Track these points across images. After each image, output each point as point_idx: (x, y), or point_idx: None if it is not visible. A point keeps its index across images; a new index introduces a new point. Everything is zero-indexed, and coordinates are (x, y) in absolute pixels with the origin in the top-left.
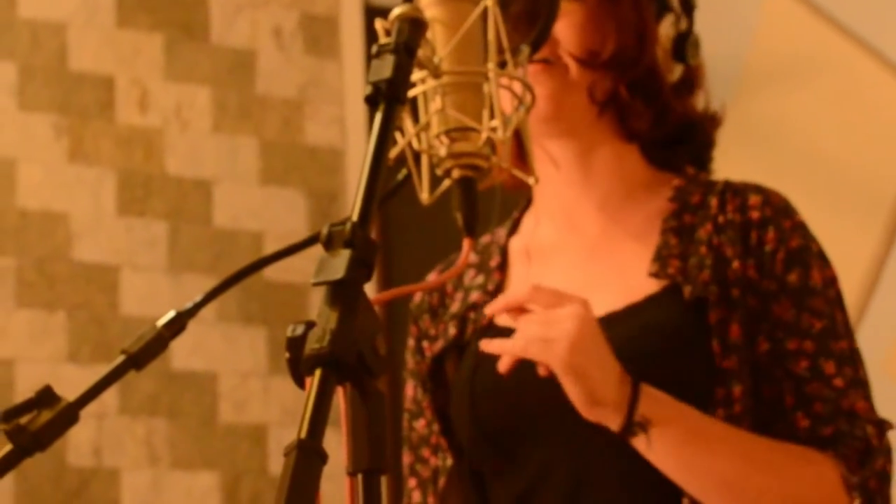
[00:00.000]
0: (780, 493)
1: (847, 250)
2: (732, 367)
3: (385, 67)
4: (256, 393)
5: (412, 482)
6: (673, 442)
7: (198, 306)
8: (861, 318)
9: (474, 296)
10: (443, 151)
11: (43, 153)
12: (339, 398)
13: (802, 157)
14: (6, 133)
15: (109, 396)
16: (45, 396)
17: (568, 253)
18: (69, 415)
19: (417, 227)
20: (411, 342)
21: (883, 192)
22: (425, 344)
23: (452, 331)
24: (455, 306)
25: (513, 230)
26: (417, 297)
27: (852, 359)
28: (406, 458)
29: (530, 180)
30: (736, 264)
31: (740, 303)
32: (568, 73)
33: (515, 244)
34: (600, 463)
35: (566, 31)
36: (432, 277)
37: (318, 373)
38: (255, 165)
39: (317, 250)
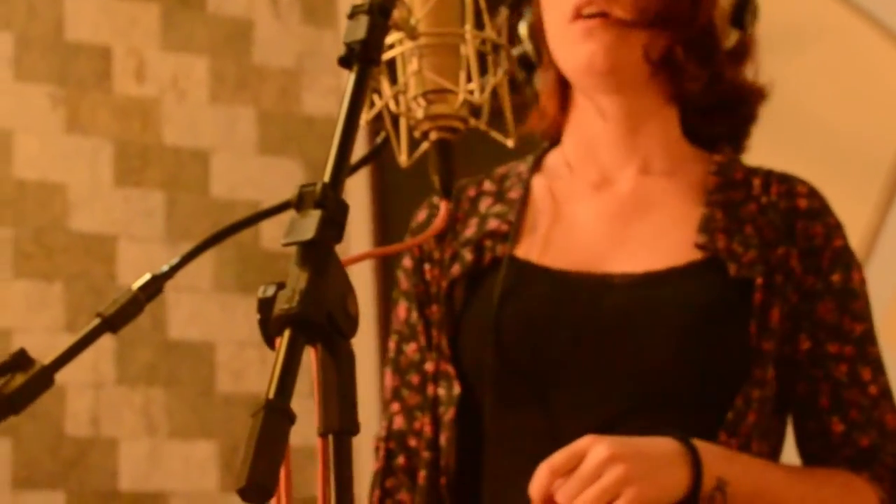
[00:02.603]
0: None
1: (844, 216)
2: (769, 350)
3: (359, 29)
4: (254, 362)
5: (395, 406)
6: (747, 495)
7: (174, 269)
8: None
9: (492, 223)
10: (420, 113)
11: (40, 124)
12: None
13: (800, 125)
14: (2, 104)
15: (107, 366)
16: (20, 360)
17: (602, 202)
18: (43, 378)
19: (413, 186)
20: (409, 262)
21: (879, 160)
22: (427, 266)
23: (469, 256)
24: (470, 231)
25: (536, 167)
26: (422, 217)
27: (882, 365)
28: (390, 381)
29: (508, 142)
30: (781, 250)
31: (781, 290)
32: (624, 29)
33: (539, 182)
34: (622, 415)
35: None
36: (422, 215)
37: (286, 333)
38: (253, 135)
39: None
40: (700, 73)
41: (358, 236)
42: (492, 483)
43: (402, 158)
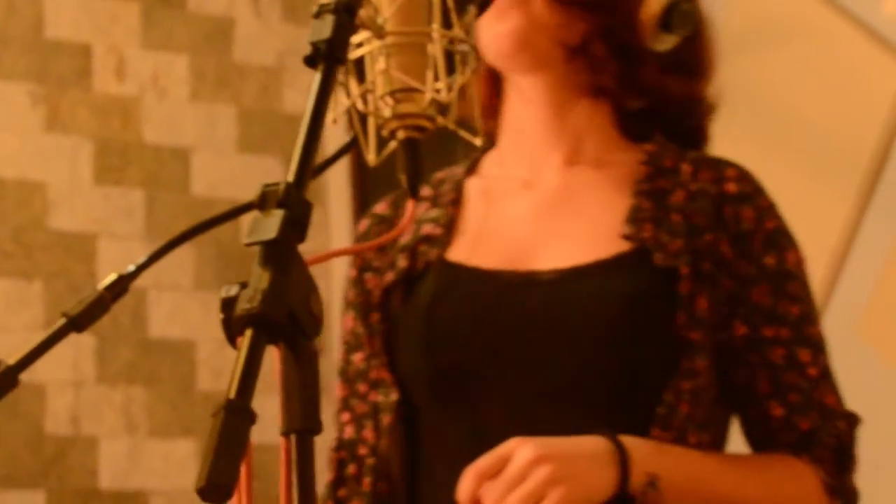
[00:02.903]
0: None
1: (822, 213)
2: (697, 340)
3: (325, 27)
4: (234, 361)
5: (345, 416)
6: (681, 489)
7: (140, 268)
8: (835, 282)
9: (426, 228)
10: (387, 112)
11: (19, 122)
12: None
13: (778, 121)
14: None
15: (87, 365)
16: None
17: (531, 198)
18: (8, 379)
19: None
20: (353, 273)
21: (858, 155)
22: (368, 275)
23: (403, 263)
24: (405, 238)
25: (471, 169)
26: (363, 227)
27: (822, 345)
28: (340, 391)
29: (476, 141)
30: (709, 237)
31: (710, 277)
32: (531, 10)
33: (473, 183)
34: (554, 411)
35: None
36: (379, 208)
37: (248, 333)
38: (234, 133)
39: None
40: (613, 63)
41: (339, 233)
42: (427, 487)
43: (371, 157)
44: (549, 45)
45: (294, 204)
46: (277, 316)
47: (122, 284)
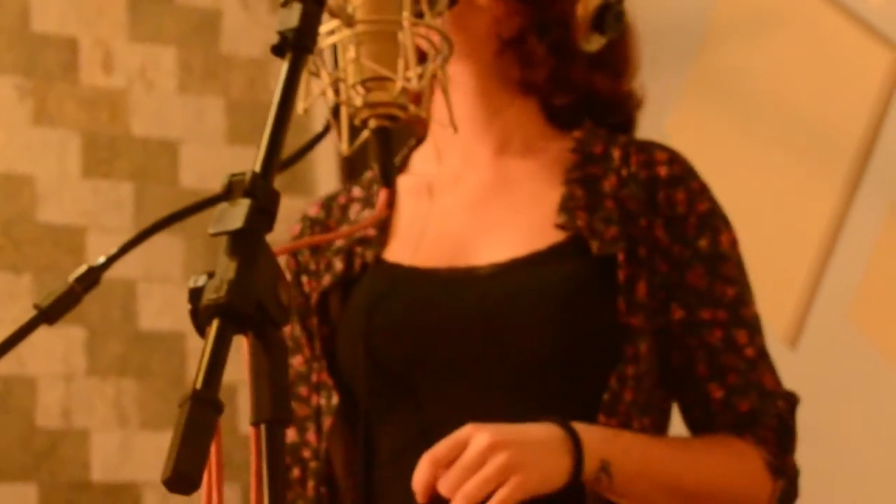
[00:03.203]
0: (723, 491)
1: (810, 199)
2: (638, 325)
3: (292, 16)
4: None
5: None
6: (632, 473)
7: (111, 260)
8: (825, 268)
9: (348, 230)
10: (358, 101)
11: (6, 116)
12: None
13: (767, 109)
14: None
15: (77, 358)
16: None
17: (463, 192)
18: None
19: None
20: (288, 276)
21: (845, 142)
22: (304, 279)
23: (339, 265)
24: (340, 240)
25: (401, 168)
26: (296, 231)
27: (758, 325)
28: None
29: (450, 129)
30: (643, 221)
31: (647, 262)
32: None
33: (404, 181)
34: (500, 406)
35: None
36: (311, 211)
37: (215, 323)
38: (222, 125)
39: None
40: (547, 60)
41: None
42: (377, 487)
43: (343, 147)
44: (484, 34)
45: (261, 193)
46: (244, 306)
47: (92, 276)
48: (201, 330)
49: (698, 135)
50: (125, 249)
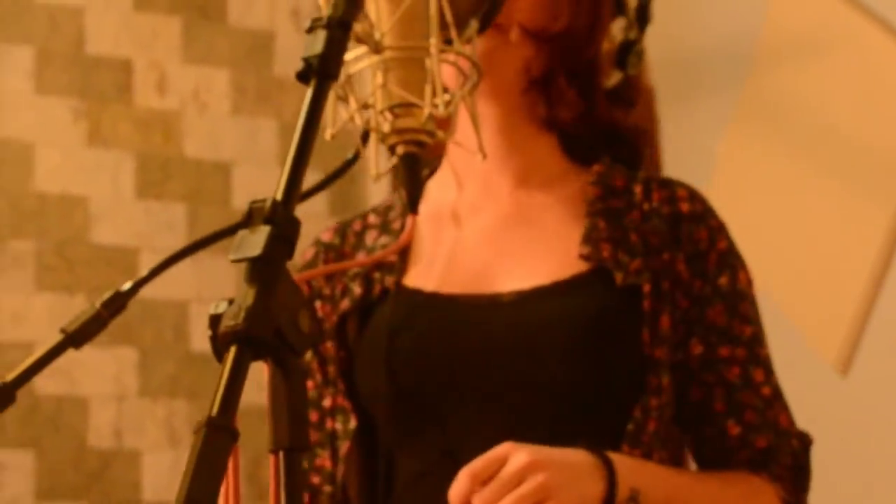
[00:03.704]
0: None
1: (863, 224)
2: (662, 357)
3: (317, 43)
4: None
5: None
6: (658, 502)
7: (138, 285)
8: (877, 295)
9: (378, 255)
10: (386, 127)
11: (61, 137)
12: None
13: (816, 133)
14: (24, 117)
15: (129, 378)
16: None
17: (485, 220)
18: (5, 394)
19: None
20: None
21: None
22: (318, 303)
23: (358, 290)
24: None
25: None
26: (309, 256)
27: (771, 366)
28: None
29: (478, 157)
30: (666, 256)
31: (669, 296)
32: (507, 37)
33: (421, 209)
34: (522, 435)
35: None
36: (325, 236)
37: (232, 350)
38: (275, 147)
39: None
40: (576, 102)
41: None
42: None
43: (373, 173)
44: (514, 75)
45: (281, 220)
46: (262, 332)
47: (119, 301)
48: (220, 356)
49: (749, 159)
50: (151, 276)
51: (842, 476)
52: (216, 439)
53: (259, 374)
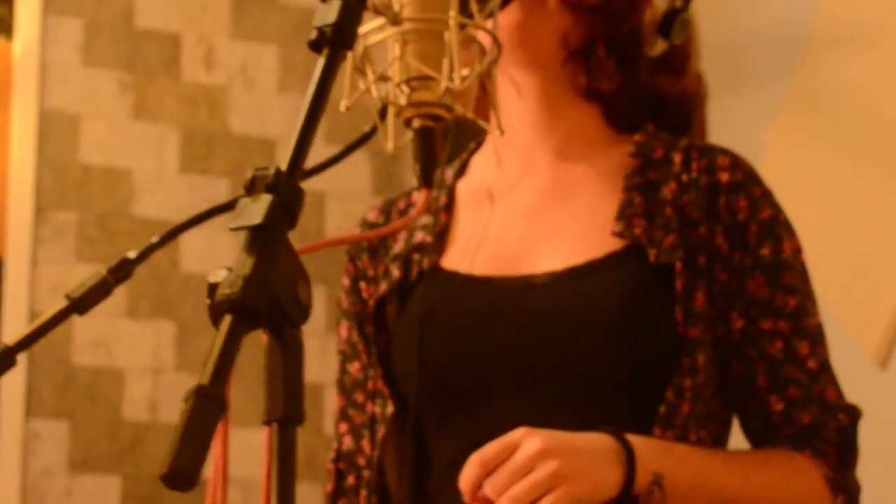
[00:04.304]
0: None
1: None
2: (697, 336)
3: (331, 12)
4: (314, 352)
5: (343, 427)
6: (686, 487)
7: (145, 253)
8: None
9: (419, 236)
10: (402, 100)
11: (107, 109)
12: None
13: (867, 123)
14: (71, 89)
15: (167, 352)
16: None
17: (522, 198)
18: (6, 358)
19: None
20: (346, 282)
21: None
22: (362, 284)
23: (396, 273)
24: (398, 246)
25: (460, 172)
26: (372, 216)
27: (821, 336)
28: (338, 402)
29: (496, 132)
30: (703, 229)
31: (706, 271)
32: (543, 7)
33: (463, 186)
34: (555, 418)
35: None
36: (371, 215)
37: (226, 318)
38: (321, 126)
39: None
40: (616, 73)
41: None
42: (431, 496)
43: (389, 146)
44: (552, 45)
45: (283, 189)
46: (258, 302)
47: (126, 268)
48: (217, 325)
49: (797, 149)
50: (157, 245)
51: (879, 469)
52: (204, 408)
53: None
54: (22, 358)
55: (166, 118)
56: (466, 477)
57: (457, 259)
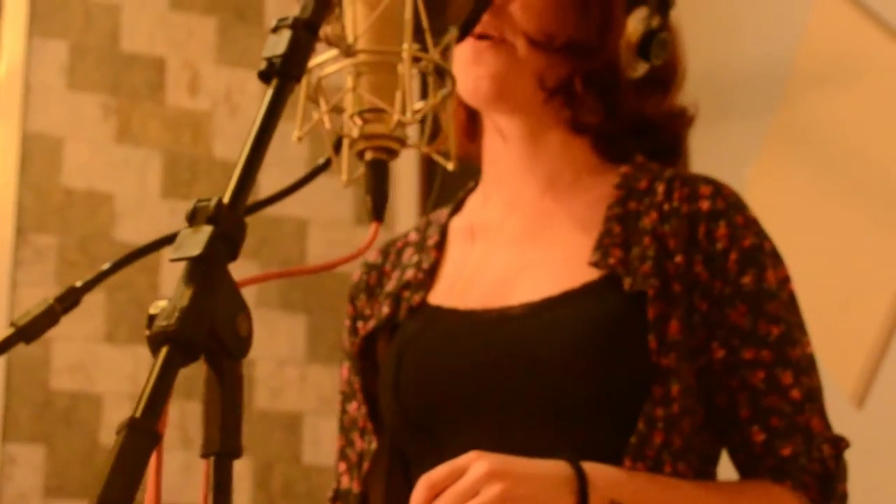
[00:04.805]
0: None
1: (887, 255)
2: (670, 365)
3: (280, 43)
4: (293, 381)
5: (342, 466)
6: None
7: (91, 284)
8: (895, 327)
9: (409, 274)
10: (355, 133)
11: (90, 132)
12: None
13: (850, 159)
14: (54, 111)
15: (144, 377)
16: None
17: (507, 233)
18: None
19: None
20: (347, 322)
21: None
22: (360, 324)
23: (386, 310)
24: (391, 285)
25: (456, 210)
26: (355, 277)
27: (808, 366)
28: (338, 442)
29: (449, 166)
30: (679, 258)
31: (683, 300)
32: (515, 54)
33: (457, 223)
34: (527, 448)
35: (522, 9)
36: (371, 256)
37: (162, 350)
38: (304, 153)
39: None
40: (598, 105)
41: (406, 220)
42: None
43: (343, 178)
44: (530, 88)
45: (224, 221)
46: (195, 334)
47: (72, 297)
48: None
49: (778, 185)
50: (109, 272)
51: None
52: (136, 441)
53: (273, 379)
54: None
55: (149, 142)
56: (415, 499)
57: (443, 295)
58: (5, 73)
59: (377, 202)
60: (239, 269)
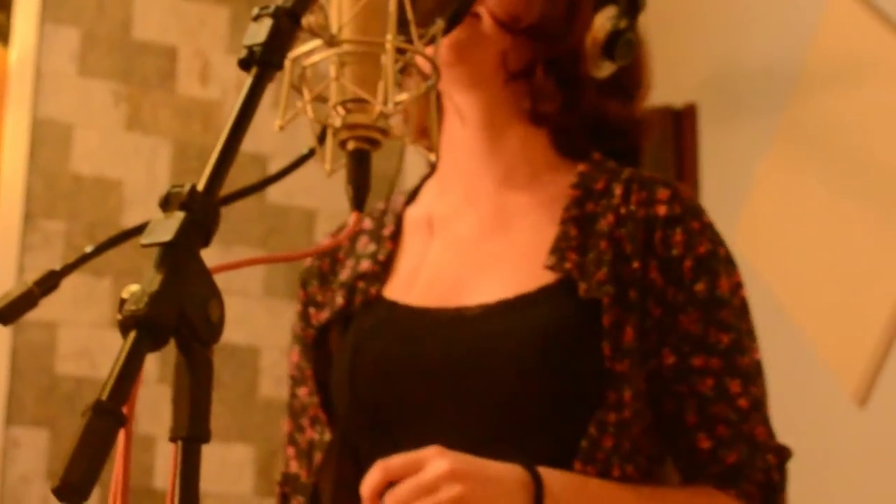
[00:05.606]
0: None
1: (893, 255)
2: (624, 371)
3: (261, 31)
4: (283, 368)
5: (290, 450)
6: None
7: (71, 267)
8: None
9: (364, 265)
10: (338, 122)
11: (100, 120)
12: None
13: (859, 158)
14: (65, 98)
15: (149, 364)
16: None
17: (464, 229)
18: None
19: None
20: (299, 307)
21: None
22: (312, 310)
23: (340, 300)
24: (345, 274)
25: (411, 199)
26: (308, 261)
27: (756, 374)
28: (286, 426)
29: (431, 157)
30: (636, 264)
31: (638, 305)
32: (479, 27)
33: (412, 213)
34: (478, 449)
35: None
36: (325, 242)
37: (131, 335)
38: (313, 143)
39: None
40: (556, 94)
41: None
42: None
43: (326, 168)
44: (491, 65)
45: (197, 207)
46: (164, 319)
47: (52, 280)
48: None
49: (786, 183)
50: (86, 258)
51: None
52: (101, 423)
53: (278, 367)
54: (4, 365)
55: (159, 130)
56: (368, 483)
57: (398, 289)
58: (17, 60)
59: (358, 192)
60: (245, 257)
